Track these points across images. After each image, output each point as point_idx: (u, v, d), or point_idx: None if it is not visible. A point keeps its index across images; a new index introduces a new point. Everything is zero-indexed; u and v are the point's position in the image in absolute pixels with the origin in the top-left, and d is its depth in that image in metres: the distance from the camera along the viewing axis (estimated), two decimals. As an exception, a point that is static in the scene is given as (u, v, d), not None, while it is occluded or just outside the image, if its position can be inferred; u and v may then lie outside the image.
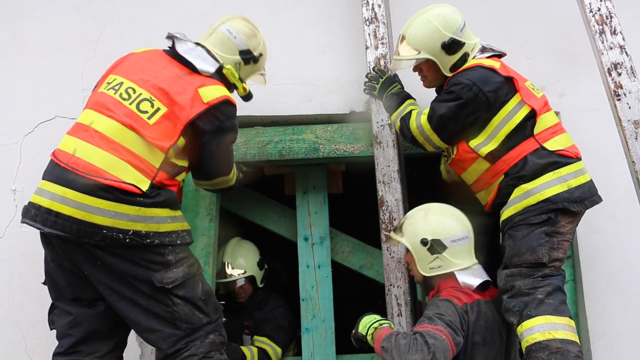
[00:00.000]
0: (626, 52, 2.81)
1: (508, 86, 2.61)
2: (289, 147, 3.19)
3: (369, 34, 3.12)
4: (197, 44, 2.61)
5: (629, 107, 2.74)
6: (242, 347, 3.29)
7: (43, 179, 2.38)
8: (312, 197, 3.40)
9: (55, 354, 2.49)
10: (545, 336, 2.35)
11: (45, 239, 2.40)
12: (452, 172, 3.04)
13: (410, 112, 2.77)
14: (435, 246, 2.55)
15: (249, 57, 2.70)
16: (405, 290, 2.83)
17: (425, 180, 3.41)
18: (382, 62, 3.06)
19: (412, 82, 2.96)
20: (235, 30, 2.67)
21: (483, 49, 2.75)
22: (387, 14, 3.18)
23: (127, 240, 2.29)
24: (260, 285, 3.57)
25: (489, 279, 2.61)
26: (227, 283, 3.49)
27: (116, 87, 2.44)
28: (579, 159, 2.64)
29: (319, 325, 3.27)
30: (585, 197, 2.58)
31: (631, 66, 2.79)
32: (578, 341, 2.40)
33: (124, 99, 2.40)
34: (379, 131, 3.00)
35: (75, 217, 2.25)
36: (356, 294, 4.63)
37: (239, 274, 3.49)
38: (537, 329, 2.37)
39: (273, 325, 3.47)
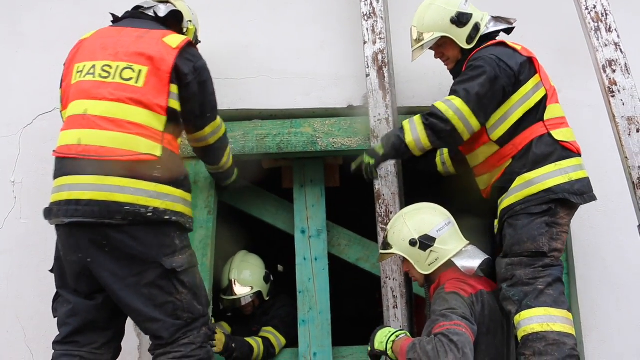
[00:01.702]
0: (621, 50, 2.85)
1: (529, 66, 2.64)
2: (287, 140, 3.22)
3: (367, 29, 3.15)
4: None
5: (623, 104, 2.78)
6: (247, 339, 3.33)
7: (55, 178, 2.42)
8: (309, 190, 3.42)
9: (54, 342, 2.53)
10: (543, 327, 2.39)
11: (59, 230, 2.43)
12: (447, 164, 3.08)
13: (419, 114, 2.67)
14: (424, 242, 2.58)
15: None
16: (401, 283, 2.87)
17: (423, 174, 3.44)
18: (379, 57, 3.09)
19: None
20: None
21: (495, 19, 2.80)
22: (385, 9, 3.20)
23: (149, 214, 2.34)
24: (267, 299, 3.63)
25: (488, 256, 2.64)
26: (234, 300, 3.56)
27: (91, 71, 2.46)
28: (580, 154, 2.67)
29: (315, 317, 3.30)
30: (585, 191, 2.61)
31: (625, 63, 2.83)
32: (574, 334, 2.43)
33: (104, 78, 2.44)
34: (376, 125, 3.03)
35: (96, 199, 2.30)
36: (353, 287, 4.69)
37: (246, 292, 3.56)
38: (536, 319, 2.41)
39: (277, 320, 3.54)
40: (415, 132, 2.63)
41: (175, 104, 2.49)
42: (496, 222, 2.72)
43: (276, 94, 3.26)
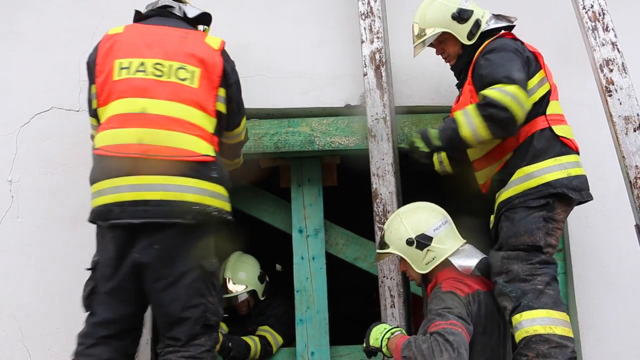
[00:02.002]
0: (618, 49, 2.84)
1: (535, 61, 2.67)
2: (284, 139, 3.22)
3: (365, 28, 3.14)
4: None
5: (620, 103, 2.78)
6: (244, 338, 3.33)
7: (103, 179, 2.38)
8: (307, 189, 3.42)
9: (87, 336, 2.50)
10: (546, 330, 2.39)
11: (113, 231, 2.39)
12: (445, 162, 3.08)
13: (473, 105, 2.57)
14: (421, 241, 2.58)
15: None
16: (398, 282, 2.87)
17: (422, 173, 3.43)
18: (377, 57, 3.08)
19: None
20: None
21: (496, 16, 2.82)
22: (382, 8, 3.20)
23: (215, 213, 2.42)
24: (262, 298, 3.63)
25: (485, 255, 2.64)
26: (229, 298, 3.55)
27: (141, 69, 2.45)
28: (578, 152, 2.68)
29: (313, 316, 3.30)
30: (583, 187, 2.62)
31: (623, 63, 2.83)
32: (573, 337, 2.44)
33: (158, 77, 2.45)
34: (373, 124, 3.03)
35: (166, 199, 2.32)
36: (351, 287, 4.69)
37: (240, 290, 3.55)
38: (539, 321, 2.41)
39: (273, 319, 3.54)
40: (472, 125, 2.56)
41: (221, 107, 2.54)
42: (492, 217, 2.72)
43: (274, 93, 3.26)
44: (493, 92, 2.51)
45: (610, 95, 2.80)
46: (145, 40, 2.52)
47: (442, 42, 2.84)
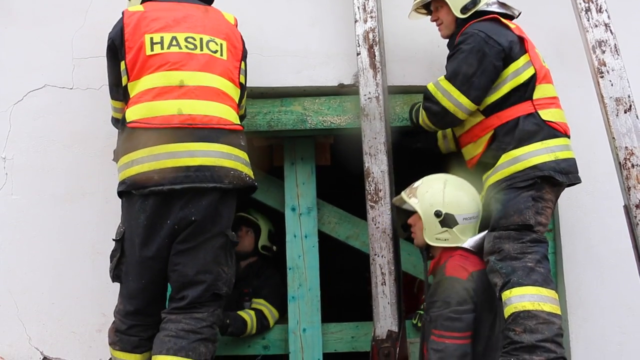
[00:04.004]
0: (611, 30, 2.85)
1: (520, 45, 2.68)
2: (277, 118, 3.23)
3: (358, 7, 3.13)
4: None
5: (612, 85, 2.79)
6: (240, 313, 3.36)
7: (140, 148, 2.43)
8: (300, 168, 3.44)
9: (126, 314, 2.61)
10: (534, 306, 2.44)
11: (148, 198, 2.44)
12: (448, 137, 3.10)
13: (423, 96, 2.81)
14: (447, 220, 2.61)
15: None
16: (390, 260, 2.90)
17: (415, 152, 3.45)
18: (370, 36, 3.08)
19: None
20: None
21: (502, 4, 2.83)
22: (376, -13, 3.18)
23: (247, 179, 2.56)
24: (262, 248, 3.68)
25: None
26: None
27: (174, 43, 2.53)
28: (567, 136, 2.70)
29: (305, 293, 3.34)
30: (571, 170, 2.65)
31: (615, 44, 2.84)
32: (560, 314, 2.49)
33: (191, 49, 2.54)
34: (366, 104, 3.03)
35: (206, 164, 2.43)
36: (344, 267, 4.73)
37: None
38: (528, 297, 2.45)
39: (269, 290, 3.56)
40: (420, 115, 2.87)
41: (243, 79, 2.68)
42: (481, 196, 2.75)
43: (267, 71, 3.25)
44: (430, 85, 2.76)
45: (602, 77, 2.81)
46: (173, 15, 2.60)
47: (438, 10, 2.90)
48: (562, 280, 3.18)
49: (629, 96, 2.77)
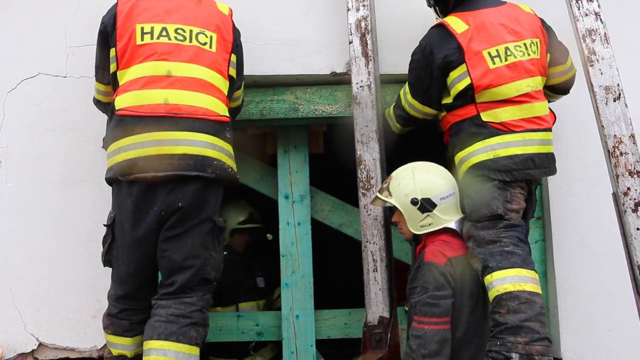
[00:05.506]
0: (601, 19, 2.86)
1: (459, 54, 2.70)
2: (269, 107, 3.26)
3: (351, -4, 3.14)
4: None
5: (601, 73, 2.81)
6: None
7: (126, 136, 2.47)
8: (293, 155, 3.46)
9: (116, 298, 2.66)
10: (515, 287, 2.48)
11: (132, 185, 2.49)
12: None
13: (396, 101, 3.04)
14: (425, 205, 2.63)
15: None
16: (381, 247, 2.93)
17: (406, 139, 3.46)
18: (362, 24, 3.09)
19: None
20: None
21: None
22: (369, -24, 3.19)
23: (230, 171, 2.59)
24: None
25: None
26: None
27: (164, 34, 2.56)
28: (522, 131, 2.67)
29: (298, 280, 3.38)
30: (515, 168, 2.65)
31: (605, 33, 2.85)
32: (541, 293, 2.54)
33: (180, 41, 2.56)
34: (358, 92, 3.05)
35: (189, 153, 2.47)
36: (337, 255, 4.75)
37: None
38: (509, 279, 2.50)
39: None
40: (394, 121, 3.08)
41: (232, 72, 2.70)
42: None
43: (259, 60, 3.25)
44: (400, 93, 3.02)
45: (591, 65, 2.83)
46: (164, 5, 2.62)
47: None
48: (552, 267, 3.21)
49: (618, 85, 2.79)
